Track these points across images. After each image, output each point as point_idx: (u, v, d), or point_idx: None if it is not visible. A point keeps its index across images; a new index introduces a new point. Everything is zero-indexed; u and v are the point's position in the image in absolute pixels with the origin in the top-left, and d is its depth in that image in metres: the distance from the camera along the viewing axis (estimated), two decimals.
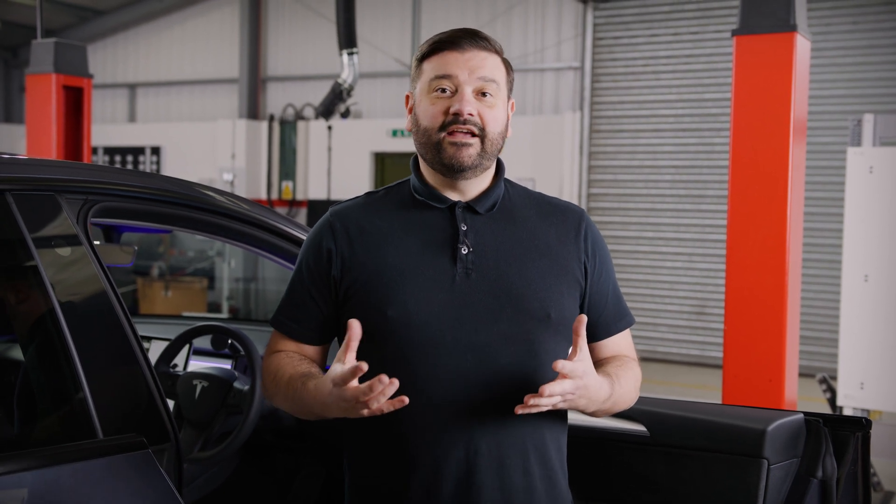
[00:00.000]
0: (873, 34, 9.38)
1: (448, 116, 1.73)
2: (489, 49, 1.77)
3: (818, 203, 9.16)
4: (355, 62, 10.54)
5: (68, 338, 1.73)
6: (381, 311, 1.72)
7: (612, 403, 1.76)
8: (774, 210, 4.13)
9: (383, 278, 1.73)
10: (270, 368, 1.82)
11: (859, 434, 2.18)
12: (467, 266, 1.73)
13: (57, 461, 1.62)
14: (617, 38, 10.65)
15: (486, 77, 1.74)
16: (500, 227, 1.79)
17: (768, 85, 4.16)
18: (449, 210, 1.78)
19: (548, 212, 1.84)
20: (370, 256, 1.76)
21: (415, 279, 1.72)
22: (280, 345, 1.86)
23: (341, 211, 1.83)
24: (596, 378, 1.66)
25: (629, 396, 1.82)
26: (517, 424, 1.71)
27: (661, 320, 10.25)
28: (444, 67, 1.75)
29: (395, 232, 1.77)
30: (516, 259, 1.76)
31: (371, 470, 1.77)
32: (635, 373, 1.85)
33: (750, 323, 4.17)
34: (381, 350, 1.72)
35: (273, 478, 2.87)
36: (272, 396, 1.83)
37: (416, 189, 1.82)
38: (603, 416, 1.81)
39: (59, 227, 1.85)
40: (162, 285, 10.54)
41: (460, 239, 1.75)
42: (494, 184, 1.83)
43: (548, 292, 1.75)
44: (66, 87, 6.86)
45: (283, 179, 13.04)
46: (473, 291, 1.72)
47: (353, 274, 1.76)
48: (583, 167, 10.80)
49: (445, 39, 1.77)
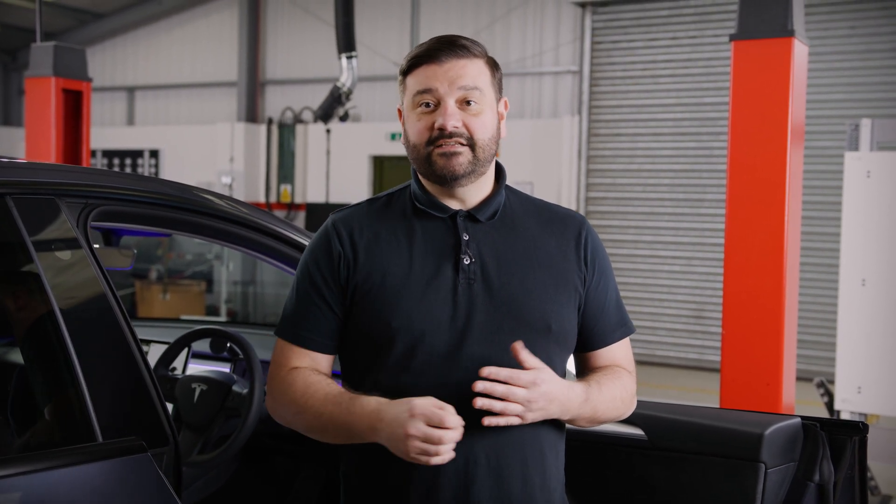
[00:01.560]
0: (871, 39, 9.39)
1: (434, 131, 1.73)
2: (468, 55, 1.75)
3: (816, 207, 9.16)
4: (354, 65, 10.55)
5: (68, 341, 1.73)
6: (385, 321, 1.71)
7: (592, 410, 1.74)
8: (772, 214, 4.14)
9: (386, 288, 1.72)
10: (296, 385, 1.74)
11: (856, 438, 2.19)
12: (469, 276, 1.73)
13: (56, 464, 1.63)
14: (615, 42, 10.66)
15: (467, 86, 1.73)
16: (502, 236, 1.78)
17: (766, 89, 4.16)
18: (451, 219, 1.78)
19: (548, 220, 1.83)
20: (373, 264, 1.75)
21: (417, 289, 1.72)
22: (294, 359, 1.79)
23: (344, 218, 1.82)
24: (560, 382, 1.65)
25: (613, 405, 1.79)
26: (516, 434, 1.71)
27: (659, 324, 10.25)
28: (424, 82, 1.74)
29: (397, 241, 1.77)
30: (518, 270, 1.75)
31: (370, 478, 1.77)
32: (623, 383, 1.82)
33: (748, 327, 4.18)
34: (384, 359, 1.72)
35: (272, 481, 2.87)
36: (295, 414, 1.75)
37: (416, 197, 1.81)
38: (586, 424, 1.79)
39: (59, 231, 1.86)
40: (160, 288, 10.54)
41: (462, 249, 1.74)
42: (495, 191, 1.82)
43: (548, 304, 1.75)
44: (65, 91, 6.86)
45: (282, 183, 13.04)
46: (475, 302, 1.72)
47: (357, 281, 1.75)
48: (581, 171, 10.81)
49: (423, 53, 1.76)
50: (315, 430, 1.75)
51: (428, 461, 1.57)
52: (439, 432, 1.55)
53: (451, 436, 1.56)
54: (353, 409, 1.66)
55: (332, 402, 1.69)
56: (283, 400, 1.78)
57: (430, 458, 1.57)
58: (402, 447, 1.58)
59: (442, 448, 1.56)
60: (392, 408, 1.61)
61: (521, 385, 1.59)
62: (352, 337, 1.78)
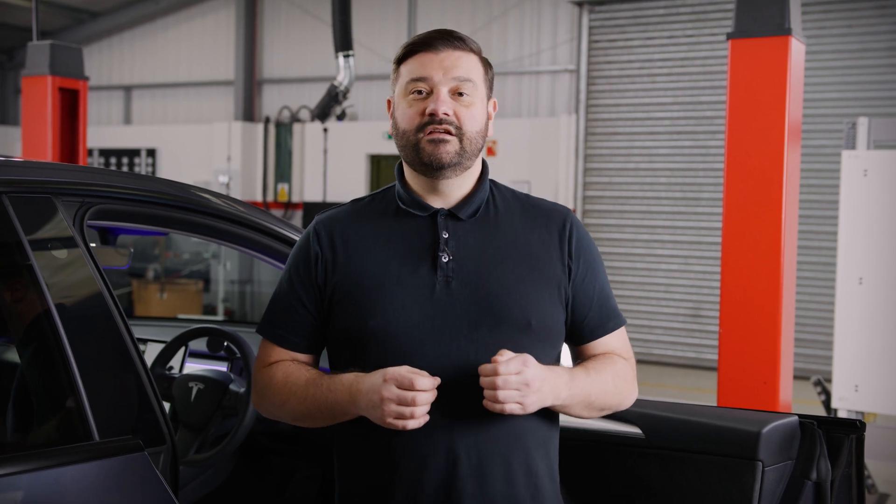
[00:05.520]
0: (867, 37, 9.40)
1: (424, 117, 1.74)
2: (464, 48, 1.77)
3: (813, 206, 9.17)
4: (351, 64, 10.55)
5: (64, 340, 1.73)
6: (362, 320, 1.72)
7: (584, 393, 1.72)
8: (769, 213, 4.14)
9: (364, 288, 1.73)
10: (277, 377, 1.79)
11: (853, 436, 2.19)
12: (448, 274, 1.73)
13: (53, 464, 1.62)
14: (612, 41, 10.66)
15: (460, 77, 1.75)
16: (482, 233, 1.78)
17: (763, 88, 4.17)
18: (431, 218, 1.78)
19: (532, 215, 1.83)
20: (352, 265, 1.76)
21: (395, 289, 1.72)
22: (274, 356, 1.83)
23: (326, 219, 1.84)
24: (541, 367, 1.64)
25: (606, 389, 1.77)
26: (498, 433, 1.70)
27: (656, 323, 10.25)
28: (419, 69, 1.75)
29: (377, 241, 1.77)
30: (497, 266, 1.75)
31: (357, 476, 1.78)
32: (617, 368, 1.80)
33: (745, 325, 4.18)
34: (362, 359, 1.72)
35: (269, 480, 2.86)
36: (281, 405, 1.78)
37: (399, 197, 1.82)
38: (583, 411, 1.77)
39: (56, 230, 1.86)
40: (157, 287, 10.53)
41: (440, 247, 1.74)
42: (478, 187, 1.82)
43: (528, 299, 1.74)
44: (61, 90, 6.85)
45: (279, 182, 13.04)
46: (453, 300, 1.71)
47: (335, 282, 1.76)
48: (578, 170, 10.81)
49: (420, 41, 1.77)
50: (301, 416, 1.77)
51: (405, 425, 1.61)
52: (412, 394, 1.59)
53: (423, 398, 1.60)
54: (332, 386, 1.70)
55: (312, 385, 1.73)
56: (266, 393, 1.81)
57: (407, 422, 1.60)
58: (378, 413, 1.62)
59: (417, 411, 1.59)
60: (368, 378, 1.65)
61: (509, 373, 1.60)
62: (334, 337, 1.80)
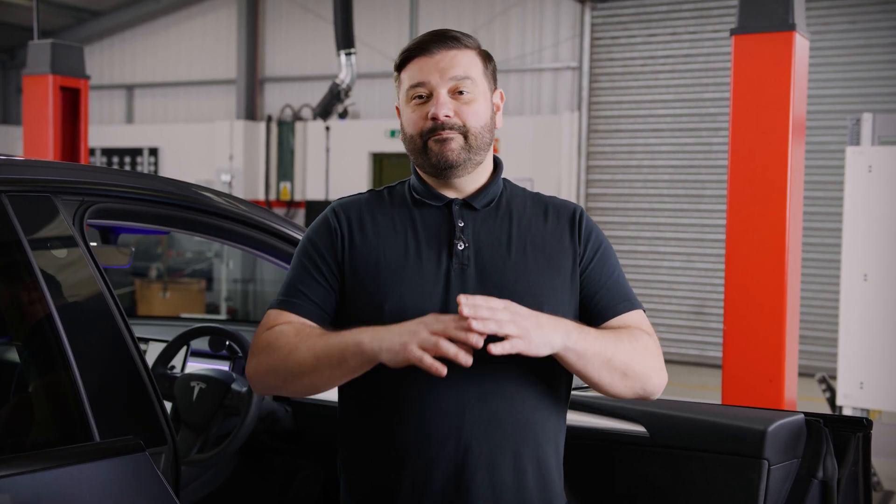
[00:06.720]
0: (871, 33, 9.39)
1: (428, 122, 1.77)
2: (459, 47, 1.79)
3: (817, 202, 9.16)
4: (353, 63, 10.54)
5: (65, 340, 1.72)
6: (377, 304, 1.72)
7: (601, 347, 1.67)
8: (773, 209, 4.13)
9: (380, 272, 1.75)
10: (287, 330, 1.71)
11: (860, 434, 2.18)
12: (462, 261, 1.75)
13: (53, 464, 1.61)
14: (615, 38, 10.65)
15: (458, 76, 1.77)
16: (497, 222, 1.81)
17: (767, 84, 4.15)
18: (446, 207, 1.81)
19: (544, 209, 1.86)
20: (368, 250, 1.77)
21: (411, 274, 1.74)
22: (282, 319, 1.75)
23: (344, 204, 1.86)
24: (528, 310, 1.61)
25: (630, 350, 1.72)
26: (509, 422, 1.71)
27: (660, 320, 10.24)
28: (417, 75, 1.78)
29: (393, 227, 1.80)
30: (511, 254, 1.77)
31: (363, 467, 1.77)
32: (639, 338, 1.76)
33: (749, 323, 4.17)
34: None
35: (271, 480, 2.86)
36: (287, 354, 1.69)
37: (414, 188, 1.85)
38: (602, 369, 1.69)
39: (56, 229, 1.85)
40: (160, 286, 10.53)
41: (456, 234, 1.77)
42: (492, 181, 1.85)
43: (542, 287, 1.75)
44: (62, 88, 6.85)
45: (281, 180, 13.03)
46: (467, 286, 1.73)
47: (352, 265, 1.77)
48: (581, 167, 10.80)
49: (415, 47, 1.80)
50: (306, 368, 1.68)
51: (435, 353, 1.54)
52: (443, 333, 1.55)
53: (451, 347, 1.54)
54: (352, 331, 1.65)
55: (325, 334, 1.68)
56: (271, 349, 1.71)
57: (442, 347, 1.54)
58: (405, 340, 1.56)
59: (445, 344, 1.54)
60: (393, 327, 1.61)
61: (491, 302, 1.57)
62: (346, 322, 1.77)
